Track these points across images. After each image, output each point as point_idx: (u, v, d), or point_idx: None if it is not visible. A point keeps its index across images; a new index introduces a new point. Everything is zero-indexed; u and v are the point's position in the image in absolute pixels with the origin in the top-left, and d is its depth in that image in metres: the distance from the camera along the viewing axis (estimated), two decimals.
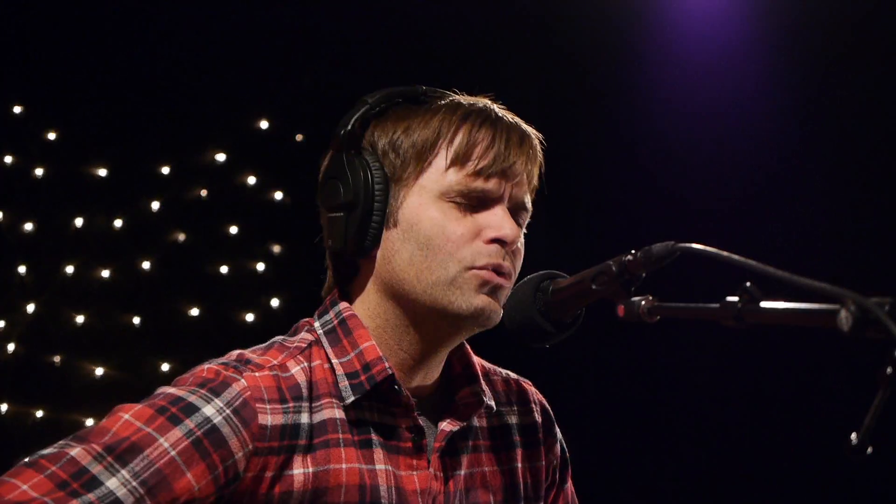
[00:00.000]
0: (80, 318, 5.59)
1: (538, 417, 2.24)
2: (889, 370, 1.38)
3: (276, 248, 5.86)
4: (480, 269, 1.99)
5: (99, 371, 5.55)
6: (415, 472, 2.03)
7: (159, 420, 1.88)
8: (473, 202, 2.02)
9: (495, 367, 2.27)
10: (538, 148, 2.08)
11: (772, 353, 5.41)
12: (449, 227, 2.00)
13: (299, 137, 5.78)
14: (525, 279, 2.02)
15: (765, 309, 1.61)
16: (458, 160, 2.01)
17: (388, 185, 2.03)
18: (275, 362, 2.00)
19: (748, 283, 1.62)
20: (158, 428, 1.87)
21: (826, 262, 5.10)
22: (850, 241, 5.39)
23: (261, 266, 5.86)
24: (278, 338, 2.09)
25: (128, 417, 1.88)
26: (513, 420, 2.20)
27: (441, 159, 2.02)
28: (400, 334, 2.05)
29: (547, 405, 2.28)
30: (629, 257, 1.83)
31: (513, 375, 2.28)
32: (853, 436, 1.41)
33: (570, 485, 2.27)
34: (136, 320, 5.67)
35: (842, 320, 1.46)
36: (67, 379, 5.50)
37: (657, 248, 1.79)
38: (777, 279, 1.56)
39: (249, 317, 5.76)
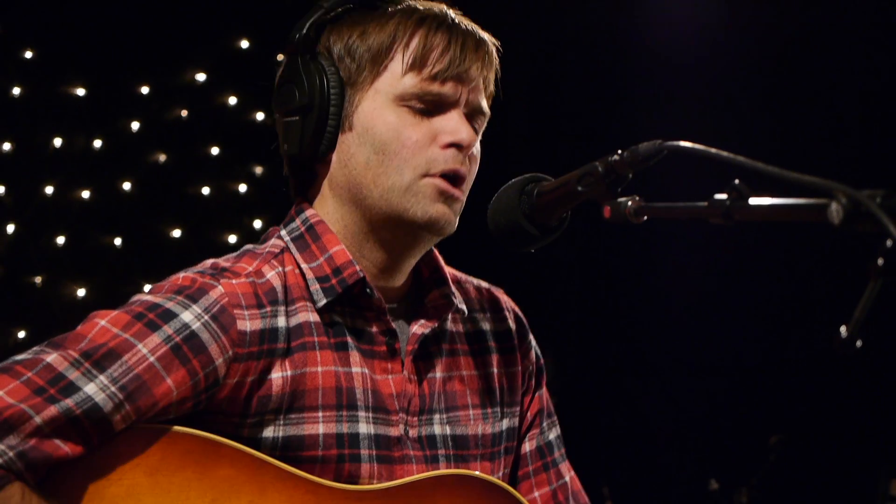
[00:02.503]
0: (60, 239, 5.55)
1: (512, 324, 2.24)
2: (880, 262, 1.36)
3: (258, 170, 5.82)
4: (436, 178, 1.98)
5: (80, 292, 5.53)
6: (390, 376, 2.04)
7: (137, 326, 1.86)
8: (429, 107, 2.00)
9: (467, 276, 2.26)
10: (494, 54, 2.06)
11: (760, 253, 5.43)
12: (405, 132, 1.98)
13: (280, 57, 5.70)
14: (509, 182, 1.98)
15: (754, 206, 1.58)
16: (415, 64, 1.99)
17: (343, 90, 2.01)
18: (250, 269, 1.99)
19: (736, 181, 1.59)
20: (136, 334, 1.85)
21: (815, 159, 5.09)
22: (840, 137, 5.37)
23: (243, 187, 5.83)
24: (249, 246, 2.08)
25: (104, 324, 1.87)
26: (486, 326, 2.20)
27: (397, 63, 2.00)
28: (360, 241, 2.05)
29: (520, 312, 2.28)
30: (615, 157, 1.80)
31: (484, 284, 2.27)
32: (842, 329, 1.39)
33: (544, 390, 2.27)
34: (118, 241, 5.64)
35: (832, 213, 1.43)
36: (49, 299, 5.47)
37: (644, 147, 1.76)
38: (766, 175, 1.53)
39: (232, 238, 5.73)
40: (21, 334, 5.41)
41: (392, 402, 2.03)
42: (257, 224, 5.73)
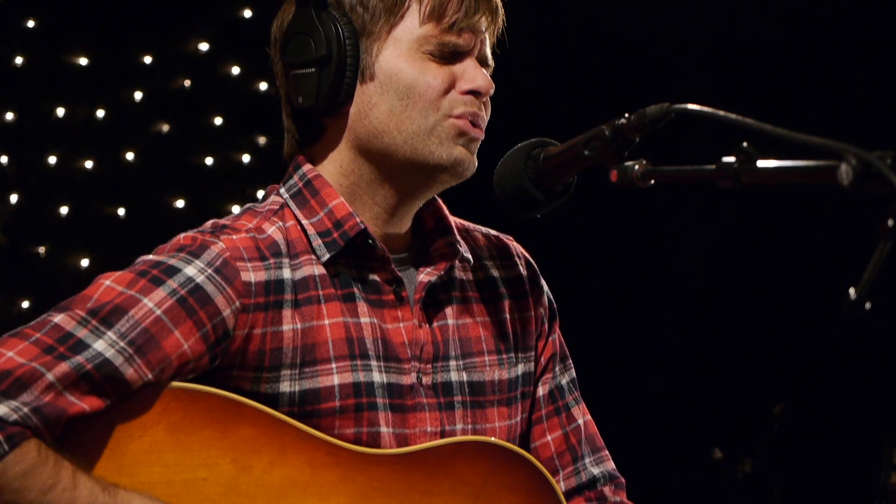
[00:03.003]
0: (63, 210, 5.55)
1: (523, 270, 2.24)
2: (890, 223, 1.35)
3: (262, 140, 5.81)
4: (458, 119, 2.01)
5: (84, 262, 5.52)
6: (401, 324, 2.05)
7: (141, 283, 1.88)
8: (446, 56, 2.02)
9: (475, 225, 2.27)
10: (500, 5, 2.09)
11: (765, 220, 5.42)
12: (428, 77, 2.00)
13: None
14: (516, 147, 1.98)
15: (762, 168, 1.57)
16: (433, 14, 2.01)
17: (357, 40, 2.02)
18: (250, 225, 2.00)
19: (745, 143, 1.58)
20: (141, 290, 1.87)
21: (823, 121, 5.07)
22: (849, 97, 5.35)
23: (246, 157, 5.81)
24: (249, 205, 2.09)
25: (109, 283, 1.88)
26: (497, 273, 2.21)
27: (413, 13, 2.01)
28: (374, 188, 2.05)
29: (530, 258, 2.28)
30: (622, 121, 1.79)
31: (493, 232, 2.28)
32: (851, 291, 1.38)
33: (558, 335, 2.28)
34: (121, 212, 5.63)
35: (842, 175, 1.42)
36: (52, 270, 5.47)
37: (651, 109, 1.74)
38: (774, 137, 1.52)
39: (235, 208, 5.71)
40: (25, 304, 5.41)
41: (404, 350, 2.04)
42: (260, 194, 5.69)
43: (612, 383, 5.86)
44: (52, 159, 5.54)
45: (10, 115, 5.47)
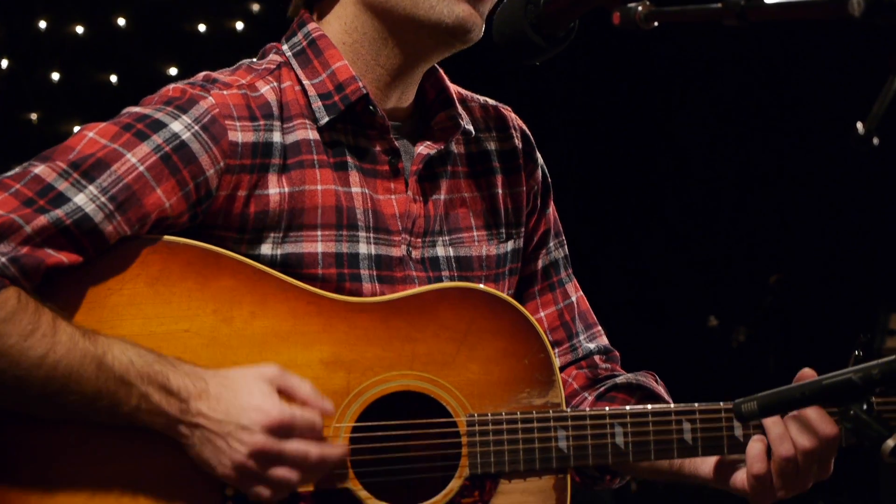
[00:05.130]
0: (55, 76, 5.48)
1: (518, 143, 2.20)
2: None
3: (255, 7, 5.72)
4: None
5: (76, 129, 5.46)
6: (393, 196, 2.03)
7: (125, 136, 1.84)
8: None
9: (473, 94, 2.22)
10: None
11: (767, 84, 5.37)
12: None
13: None
14: None
15: (770, 4, 1.52)
16: None
17: None
18: (243, 82, 1.96)
19: None
20: (125, 144, 1.84)
21: None
22: None
23: (239, 25, 5.73)
24: (245, 60, 2.04)
25: (92, 136, 1.85)
26: (492, 146, 2.18)
27: None
28: (378, 48, 2.02)
29: (527, 130, 2.25)
30: None
31: (491, 102, 2.24)
32: (859, 125, 1.34)
33: (552, 209, 2.26)
34: (113, 78, 5.57)
35: (853, 5, 1.38)
36: (45, 136, 5.41)
37: None
38: None
39: None
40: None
41: (394, 222, 2.02)
42: None
43: (608, 252, 5.87)
44: (43, 24, 5.45)
45: None
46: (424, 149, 2.05)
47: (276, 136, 1.94)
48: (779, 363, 5.28)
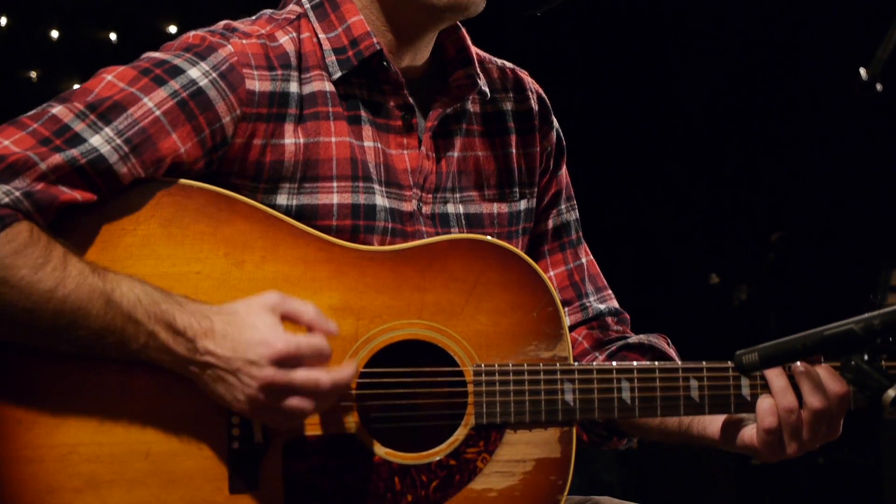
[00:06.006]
0: (54, 34, 5.46)
1: (534, 104, 2.21)
2: None
3: None
4: None
5: (76, 87, 5.45)
6: (405, 151, 2.04)
7: (143, 81, 1.86)
8: None
9: (491, 57, 2.23)
10: None
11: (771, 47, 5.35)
12: None
13: None
14: None
15: None
16: None
17: None
18: (263, 31, 1.97)
19: None
20: (143, 88, 1.85)
21: None
22: None
23: None
24: (266, 11, 2.05)
25: (111, 78, 1.86)
26: (508, 107, 2.18)
27: None
28: (387, 15, 2.03)
29: (543, 94, 2.25)
30: None
31: (509, 64, 2.24)
32: (862, 71, 1.33)
33: (564, 171, 2.26)
34: (113, 36, 5.55)
35: None
36: (45, 94, 5.40)
37: None
38: None
39: None
40: None
41: (406, 177, 2.03)
42: None
43: (609, 210, 5.87)
44: None
45: None
46: (440, 105, 2.07)
47: (294, 87, 1.96)
48: (780, 321, 5.28)
